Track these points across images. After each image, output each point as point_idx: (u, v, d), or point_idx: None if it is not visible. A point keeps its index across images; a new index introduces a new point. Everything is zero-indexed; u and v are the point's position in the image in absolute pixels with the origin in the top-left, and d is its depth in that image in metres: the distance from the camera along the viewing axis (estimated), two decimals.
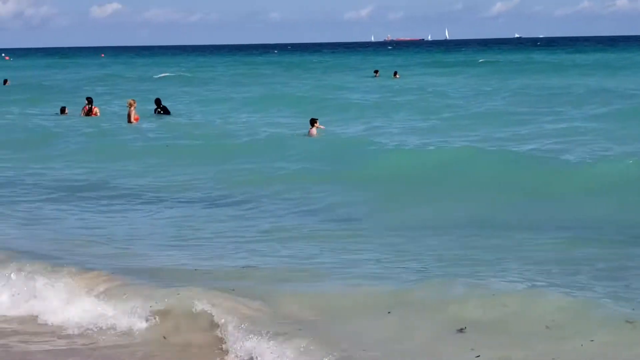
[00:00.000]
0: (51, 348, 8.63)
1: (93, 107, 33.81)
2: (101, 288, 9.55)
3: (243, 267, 10.54)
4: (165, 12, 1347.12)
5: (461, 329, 8.01)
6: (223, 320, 8.32)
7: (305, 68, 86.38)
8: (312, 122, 26.62)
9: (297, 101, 40.05)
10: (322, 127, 26.69)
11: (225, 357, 7.95)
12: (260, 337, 7.87)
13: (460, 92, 44.87)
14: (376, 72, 66.79)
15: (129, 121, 30.28)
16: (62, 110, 35.42)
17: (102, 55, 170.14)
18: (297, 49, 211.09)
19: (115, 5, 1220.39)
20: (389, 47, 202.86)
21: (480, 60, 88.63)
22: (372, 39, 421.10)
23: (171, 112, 34.41)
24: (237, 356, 7.88)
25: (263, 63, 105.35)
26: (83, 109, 33.81)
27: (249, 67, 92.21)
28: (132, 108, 30.57)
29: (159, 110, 34.18)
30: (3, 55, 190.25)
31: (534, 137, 24.70)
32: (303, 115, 33.09)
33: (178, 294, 8.89)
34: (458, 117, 31.64)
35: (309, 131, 26.43)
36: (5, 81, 57.63)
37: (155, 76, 70.79)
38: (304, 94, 44.30)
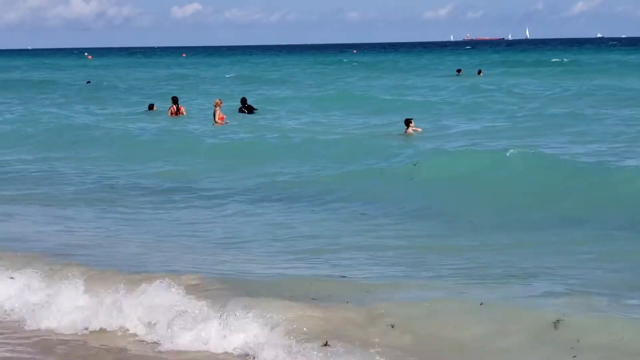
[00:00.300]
0: None
1: (180, 106, 34.65)
2: (202, 297, 9.22)
3: (341, 277, 10.38)
4: (245, 12, 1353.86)
5: (556, 322, 7.99)
6: (317, 332, 8.23)
7: (382, 68, 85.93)
8: (407, 122, 26.52)
9: (371, 101, 39.90)
10: (419, 129, 26.56)
11: None
12: (351, 346, 7.87)
13: (535, 92, 44.45)
14: (459, 70, 67.12)
15: (215, 120, 30.82)
16: (150, 107, 36.49)
17: (184, 55, 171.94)
18: (375, 49, 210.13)
19: (195, 6, 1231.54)
20: (467, 47, 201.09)
21: (554, 60, 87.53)
22: (452, 39, 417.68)
23: (257, 109, 35.09)
24: None
25: (339, 62, 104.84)
26: (170, 109, 34.55)
27: (325, 66, 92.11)
28: (218, 108, 30.98)
29: (244, 109, 34.99)
30: (86, 54, 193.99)
31: (603, 139, 24.27)
32: (381, 115, 33.32)
33: (277, 305, 8.71)
34: (532, 117, 31.26)
35: (405, 132, 26.46)
36: (88, 82, 59.00)
37: (227, 75, 71.71)
38: (377, 95, 44.08)
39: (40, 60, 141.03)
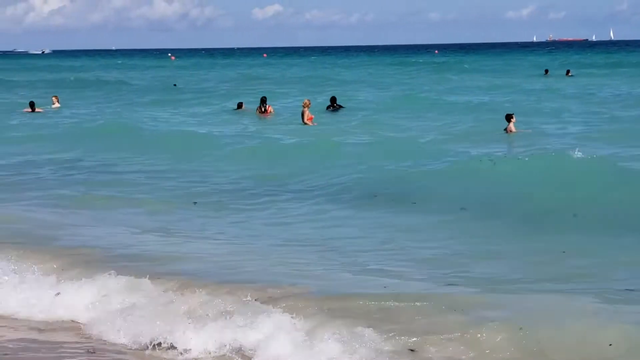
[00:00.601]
0: None
1: (267, 106, 35.11)
2: (290, 312, 8.80)
3: (448, 285, 10.15)
4: (325, 13, 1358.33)
5: None
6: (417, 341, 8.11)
7: (461, 68, 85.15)
8: (508, 118, 26.28)
9: (455, 103, 39.38)
10: (513, 129, 26.31)
11: None
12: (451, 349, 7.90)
13: (618, 94, 43.53)
14: (546, 71, 66.43)
15: (303, 121, 30.89)
16: (239, 106, 36.92)
17: (265, 55, 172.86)
18: (455, 49, 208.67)
19: (276, 7, 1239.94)
20: (549, 48, 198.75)
21: (635, 62, 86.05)
22: (534, 39, 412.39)
23: (344, 107, 35.67)
24: None
25: (417, 64, 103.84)
26: (258, 108, 35.19)
27: (405, 67, 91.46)
28: (306, 108, 31.15)
29: (332, 107, 35.52)
30: (169, 54, 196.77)
31: None
32: (468, 115, 32.93)
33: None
34: (615, 120, 30.65)
35: (506, 128, 26.22)
36: (174, 84, 59.40)
37: (299, 76, 71.95)
38: (461, 96, 43.60)
39: (125, 61, 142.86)
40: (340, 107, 35.91)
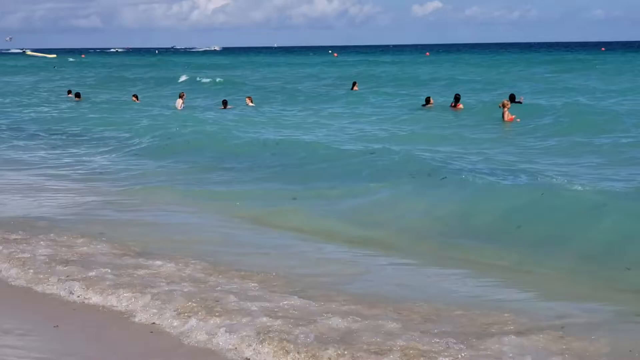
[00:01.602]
0: None
1: (458, 103, 36.91)
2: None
3: None
4: (485, 9, 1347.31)
5: None
6: None
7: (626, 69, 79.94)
8: None
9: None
10: None
11: None
12: None
13: None
14: None
15: (504, 120, 31.00)
16: (427, 101, 38.56)
17: (427, 54, 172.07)
18: (617, 46, 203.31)
19: (436, 4, 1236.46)
20: None
21: None
22: None
23: (521, 102, 36.14)
24: None
25: (574, 61, 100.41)
26: (451, 103, 37.38)
27: (562, 64, 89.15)
28: (506, 109, 31.18)
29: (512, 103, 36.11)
30: (330, 51, 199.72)
31: None
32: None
33: None
34: None
35: None
36: (353, 84, 56.08)
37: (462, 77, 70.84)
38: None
39: (289, 59, 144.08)
40: (519, 102, 36.27)
